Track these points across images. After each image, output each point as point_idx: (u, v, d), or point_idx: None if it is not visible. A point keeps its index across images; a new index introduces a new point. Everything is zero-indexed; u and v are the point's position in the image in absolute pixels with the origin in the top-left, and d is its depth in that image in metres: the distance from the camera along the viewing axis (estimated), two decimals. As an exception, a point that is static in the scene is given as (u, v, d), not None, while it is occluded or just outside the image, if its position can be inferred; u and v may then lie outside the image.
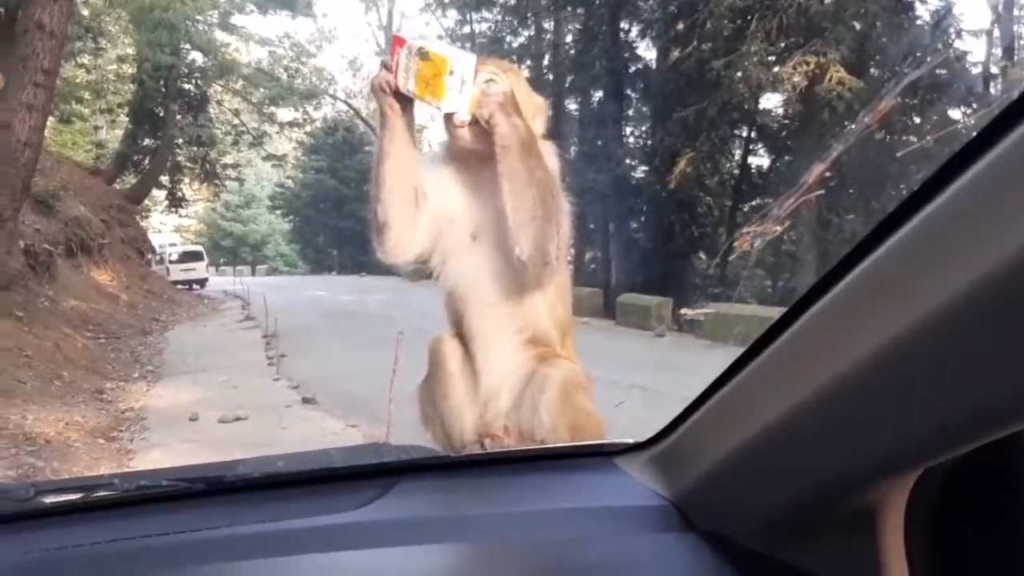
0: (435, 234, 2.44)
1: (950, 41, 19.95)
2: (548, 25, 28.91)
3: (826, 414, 0.79)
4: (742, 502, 1.02)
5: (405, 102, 2.30)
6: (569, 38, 28.28)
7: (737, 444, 0.95)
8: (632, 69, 25.97)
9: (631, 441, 1.32)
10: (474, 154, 2.35)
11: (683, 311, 15.01)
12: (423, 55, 2.18)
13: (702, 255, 24.01)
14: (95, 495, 1.24)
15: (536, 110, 2.47)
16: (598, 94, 26.53)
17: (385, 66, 2.26)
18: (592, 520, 1.17)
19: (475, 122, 2.24)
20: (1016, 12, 22.28)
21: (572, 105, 28.07)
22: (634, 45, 26.10)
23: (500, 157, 2.22)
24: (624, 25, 25.78)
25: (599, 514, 1.18)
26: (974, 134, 0.60)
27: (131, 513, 1.21)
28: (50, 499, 1.24)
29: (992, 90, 19.62)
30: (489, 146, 2.26)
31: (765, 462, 0.93)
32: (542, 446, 2.04)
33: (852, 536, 0.90)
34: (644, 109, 26.45)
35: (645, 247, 23.81)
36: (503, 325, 2.42)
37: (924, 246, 0.64)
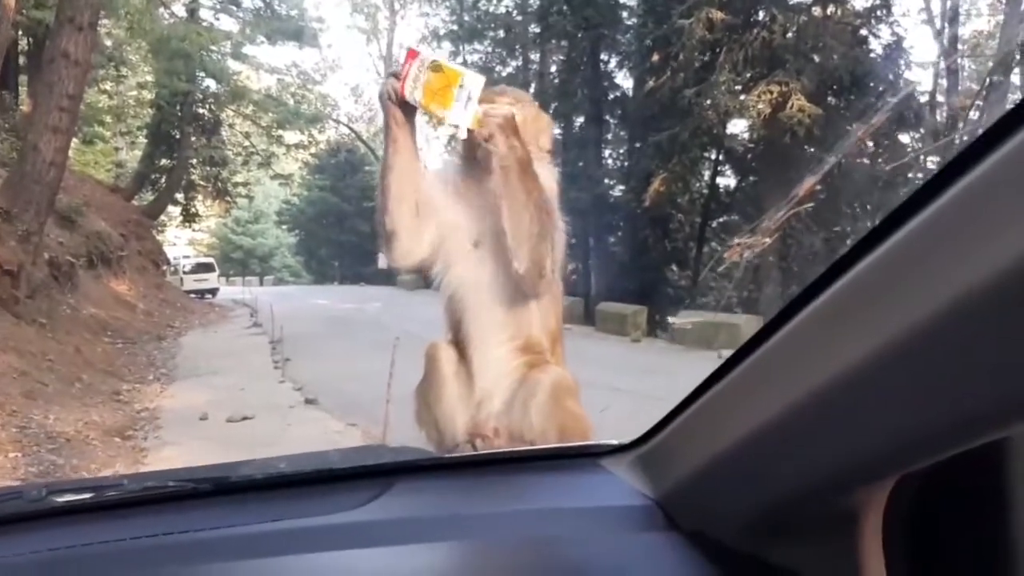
0: (439, 241, 2.39)
1: (900, 72, 20.19)
2: (534, 56, 29.05)
3: (809, 419, 0.75)
4: (725, 502, 0.98)
5: (409, 113, 2.25)
6: (553, 68, 28.40)
7: (721, 446, 0.91)
8: (611, 97, 26.13)
9: (617, 443, 1.28)
10: (480, 165, 2.31)
11: (672, 320, 14.97)
12: (436, 67, 2.14)
13: (674, 267, 24.08)
14: (105, 495, 1.19)
15: (548, 125, 2.48)
16: (580, 120, 26.65)
17: (394, 75, 2.20)
18: (579, 519, 1.12)
19: (480, 140, 2.20)
20: (960, 46, 22.51)
21: (556, 130, 28.08)
22: (613, 75, 26.31)
23: (500, 176, 2.17)
24: (604, 57, 25.96)
25: (586, 514, 1.14)
26: (967, 145, 0.56)
27: (139, 513, 1.16)
28: (62, 499, 1.18)
29: (939, 117, 19.79)
30: (490, 160, 2.22)
31: (748, 464, 0.89)
32: (532, 447, 1.99)
33: (832, 537, 0.87)
34: (622, 133, 26.58)
35: (622, 260, 23.88)
36: (498, 331, 2.36)
37: (910, 256, 0.61)
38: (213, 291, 32.76)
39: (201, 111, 32.24)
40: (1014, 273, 0.51)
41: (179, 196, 33.70)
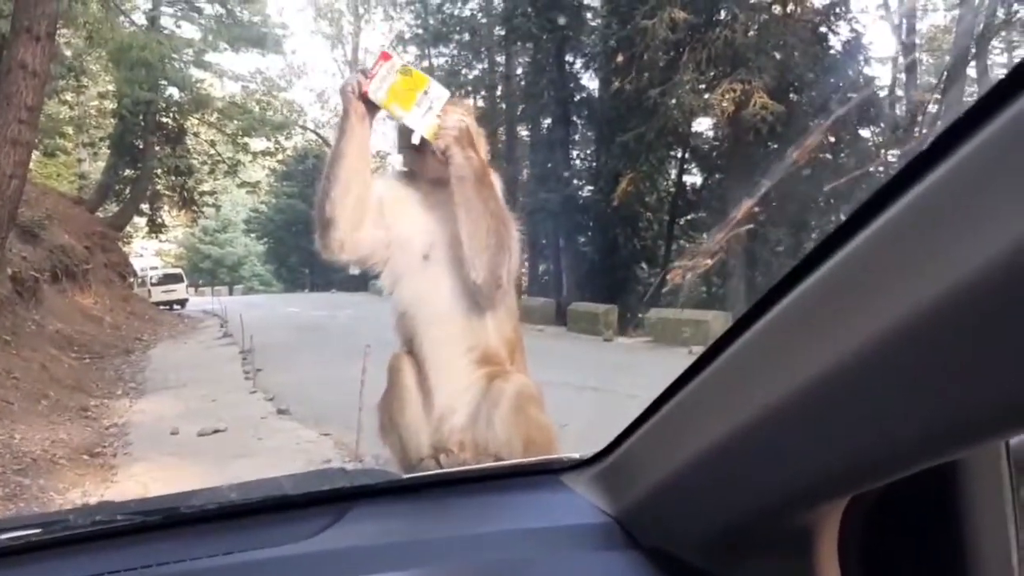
0: (384, 247, 2.37)
1: (860, 68, 20.49)
2: (500, 59, 29.08)
3: (766, 435, 0.74)
4: (684, 519, 0.97)
5: (370, 110, 2.25)
6: (520, 71, 28.47)
7: (679, 462, 0.89)
8: (577, 98, 26.22)
9: (577, 457, 1.26)
10: (430, 178, 2.32)
11: (642, 316, 15.12)
12: (405, 71, 2.18)
13: (643, 265, 24.22)
14: (51, 532, 1.14)
15: (481, 135, 2.43)
16: (547, 121, 26.72)
17: (363, 72, 2.21)
18: (539, 540, 1.10)
19: (431, 152, 2.20)
20: (918, 40, 22.89)
21: (523, 132, 28.21)
22: (579, 76, 26.41)
23: (456, 187, 2.17)
24: (569, 58, 26.05)
25: (545, 534, 1.12)
26: (929, 141, 0.54)
27: (86, 550, 1.11)
28: (4, 537, 1.14)
29: (899, 111, 20.12)
30: (441, 173, 2.22)
31: (706, 480, 0.87)
32: (490, 465, 1.96)
33: (790, 555, 0.85)
34: (589, 134, 26.68)
35: (592, 259, 23.97)
36: (453, 344, 2.33)
37: (869, 266, 0.59)
38: (182, 302, 32.28)
39: (164, 120, 31.75)
40: (978, 282, 0.48)
41: (144, 207, 33.23)
